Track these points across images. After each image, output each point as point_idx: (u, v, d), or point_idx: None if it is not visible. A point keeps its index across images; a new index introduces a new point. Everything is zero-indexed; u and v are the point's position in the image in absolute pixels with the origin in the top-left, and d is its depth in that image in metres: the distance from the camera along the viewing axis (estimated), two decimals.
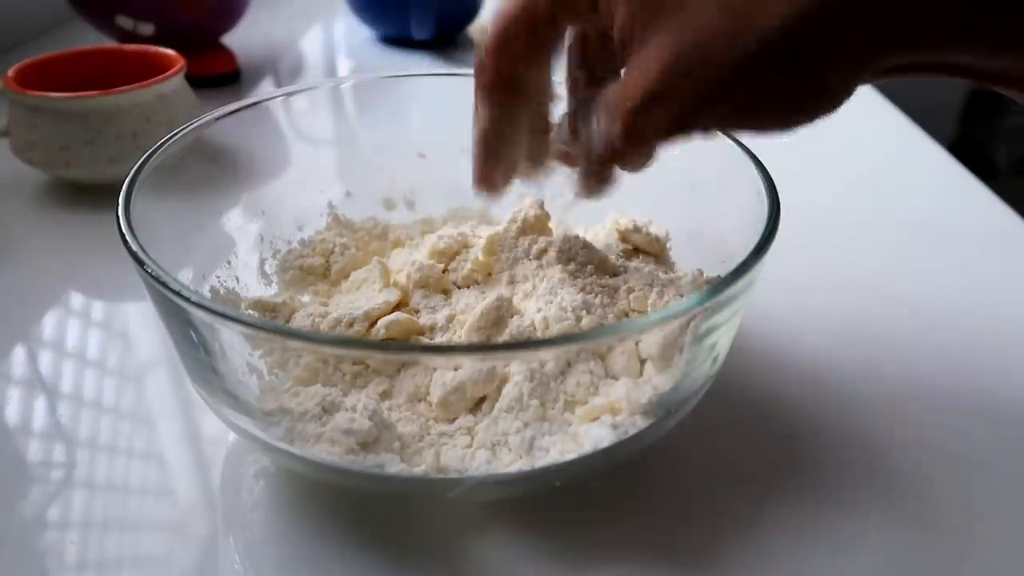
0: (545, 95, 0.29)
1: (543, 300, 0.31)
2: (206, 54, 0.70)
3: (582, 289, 0.31)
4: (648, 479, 0.31)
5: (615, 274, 0.33)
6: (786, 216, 0.29)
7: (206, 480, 0.31)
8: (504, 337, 0.30)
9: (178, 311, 0.25)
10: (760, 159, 0.32)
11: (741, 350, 0.37)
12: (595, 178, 0.29)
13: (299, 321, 0.33)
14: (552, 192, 0.43)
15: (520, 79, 0.27)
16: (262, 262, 0.38)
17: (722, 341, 0.28)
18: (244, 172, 0.39)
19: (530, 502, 0.30)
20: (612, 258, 0.34)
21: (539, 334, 0.30)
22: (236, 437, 0.32)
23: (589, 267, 0.32)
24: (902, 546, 0.28)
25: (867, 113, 0.69)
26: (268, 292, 0.37)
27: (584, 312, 0.30)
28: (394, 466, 0.26)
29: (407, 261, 0.35)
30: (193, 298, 0.24)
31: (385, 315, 0.32)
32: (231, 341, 0.29)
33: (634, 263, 0.34)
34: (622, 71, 0.24)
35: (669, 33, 0.22)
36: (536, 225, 0.35)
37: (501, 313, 0.30)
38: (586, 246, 0.33)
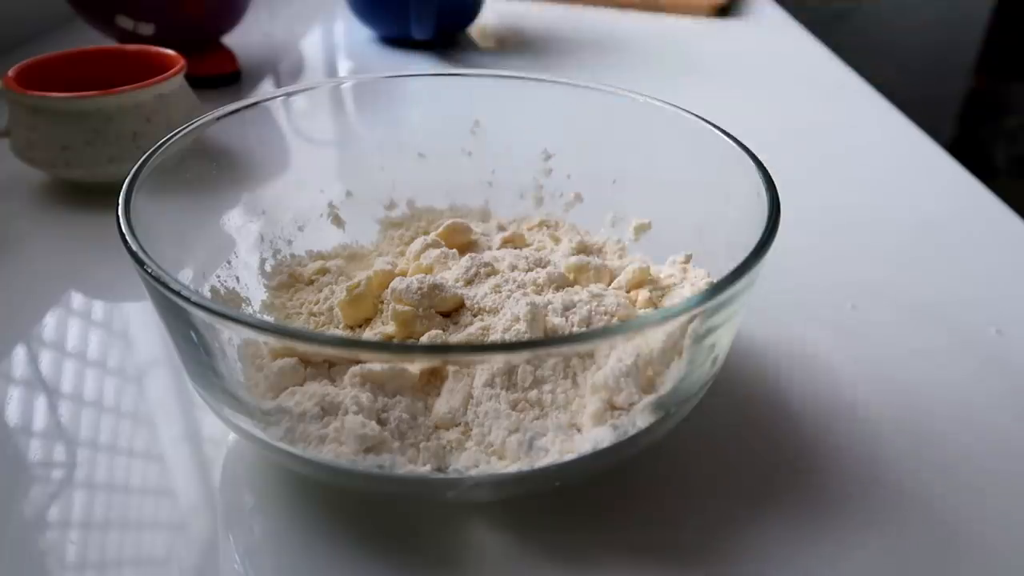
0: None
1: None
2: (206, 54, 0.70)
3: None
4: (648, 479, 0.31)
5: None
6: (786, 216, 0.29)
7: (206, 480, 0.31)
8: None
9: (178, 311, 0.25)
10: (760, 159, 0.32)
11: (741, 350, 0.37)
12: None
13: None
14: (552, 192, 0.44)
15: None
16: (262, 262, 0.38)
17: (722, 341, 0.28)
18: (244, 172, 0.39)
19: (530, 502, 0.30)
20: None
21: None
22: (236, 437, 0.32)
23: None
24: (902, 548, 0.28)
25: (867, 113, 0.69)
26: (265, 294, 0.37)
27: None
28: (394, 466, 0.26)
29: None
30: (193, 298, 0.24)
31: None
32: (231, 341, 0.29)
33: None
34: None
35: None
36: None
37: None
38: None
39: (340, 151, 0.46)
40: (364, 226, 0.42)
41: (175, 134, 0.33)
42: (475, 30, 0.88)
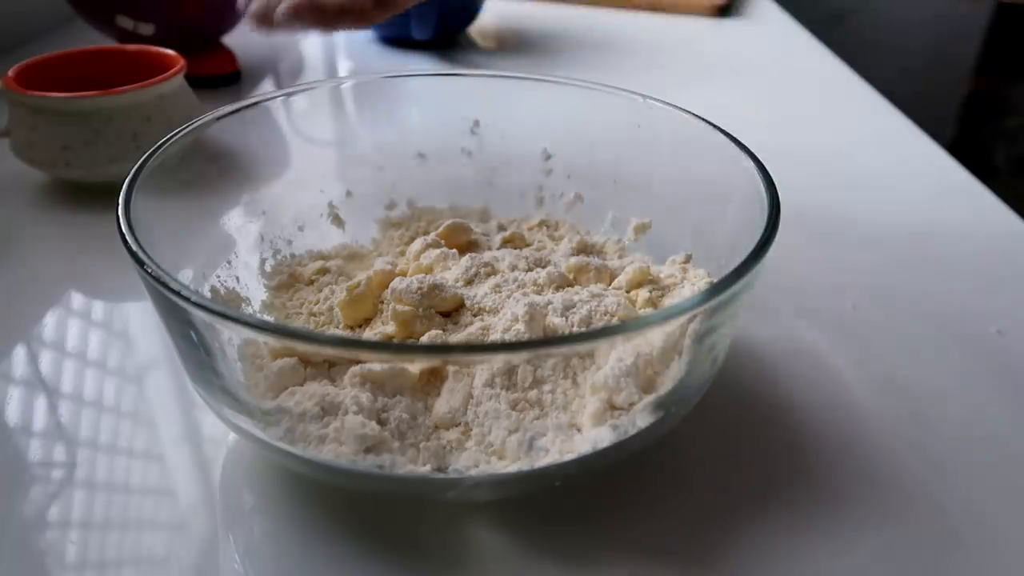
0: None
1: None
2: (206, 54, 0.70)
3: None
4: (648, 479, 0.31)
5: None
6: (786, 216, 0.29)
7: (206, 480, 0.31)
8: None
9: (178, 311, 0.25)
10: (760, 159, 0.32)
11: (741, 350, 0.37)
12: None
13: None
14: (552, 192, 0.44)
15: None
16: (262, 262, 0.38)
17: (722, 341, 0.28)
18: (244, 172, 0.39)
19: (530, 502, 0.30)
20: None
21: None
22: (236, 437, 0.32)
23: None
24: (902, 548, 0.28)
25: (867, 113, 0.69)
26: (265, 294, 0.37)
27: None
28: (394, 466, 0.26)
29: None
30: (193, 298, 0.24)
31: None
32: (231, 341, 0.29)
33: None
34: None
35: None
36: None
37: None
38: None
39: (340, 151, 0.46)
40: (364, 226, 0.42)
41: (175, 134, 0.33)
42: (475, 30, 0.88)
